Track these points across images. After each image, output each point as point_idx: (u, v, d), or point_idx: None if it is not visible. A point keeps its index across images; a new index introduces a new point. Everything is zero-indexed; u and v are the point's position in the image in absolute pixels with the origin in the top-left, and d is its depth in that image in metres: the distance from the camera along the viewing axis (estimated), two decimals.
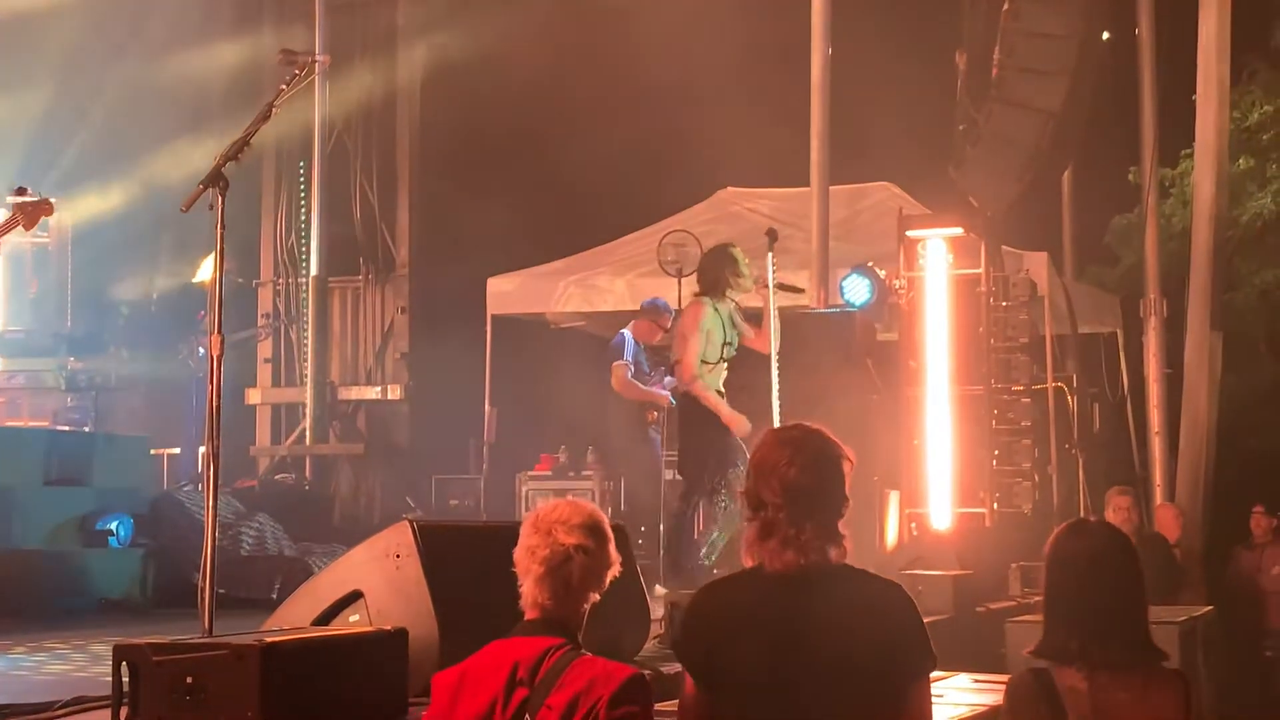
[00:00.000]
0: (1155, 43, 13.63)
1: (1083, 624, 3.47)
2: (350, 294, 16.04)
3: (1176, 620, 7.63)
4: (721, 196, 14.29)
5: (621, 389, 10.53)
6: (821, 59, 11.79)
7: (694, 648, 3.47)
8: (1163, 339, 13.64)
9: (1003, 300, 10.37)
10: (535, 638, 3.55)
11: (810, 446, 3.48)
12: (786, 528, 3.40)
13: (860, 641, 3.36)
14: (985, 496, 10.26)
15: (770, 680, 3.35)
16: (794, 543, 3.39)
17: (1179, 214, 16.04)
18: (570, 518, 3.64)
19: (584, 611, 3.65)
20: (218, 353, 5.09)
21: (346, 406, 15.75)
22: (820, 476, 3.44)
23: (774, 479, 3.42)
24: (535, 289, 13.59)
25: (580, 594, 3.62)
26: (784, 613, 3.38)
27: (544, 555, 3.59)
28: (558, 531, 3.61)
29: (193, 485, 11.24)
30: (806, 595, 3.39)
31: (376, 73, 15.79)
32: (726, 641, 3.41)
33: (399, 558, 4.91)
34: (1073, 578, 3.53)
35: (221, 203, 5.12)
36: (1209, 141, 12.12)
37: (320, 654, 4.33)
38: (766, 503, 3.42)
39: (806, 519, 3.40)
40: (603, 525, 3.68)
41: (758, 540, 3.44)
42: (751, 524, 3.46)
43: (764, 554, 3.43)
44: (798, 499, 3.40)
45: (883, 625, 3.40)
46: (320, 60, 14.04)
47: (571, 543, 3.59)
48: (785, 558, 3.40)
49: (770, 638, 3.37)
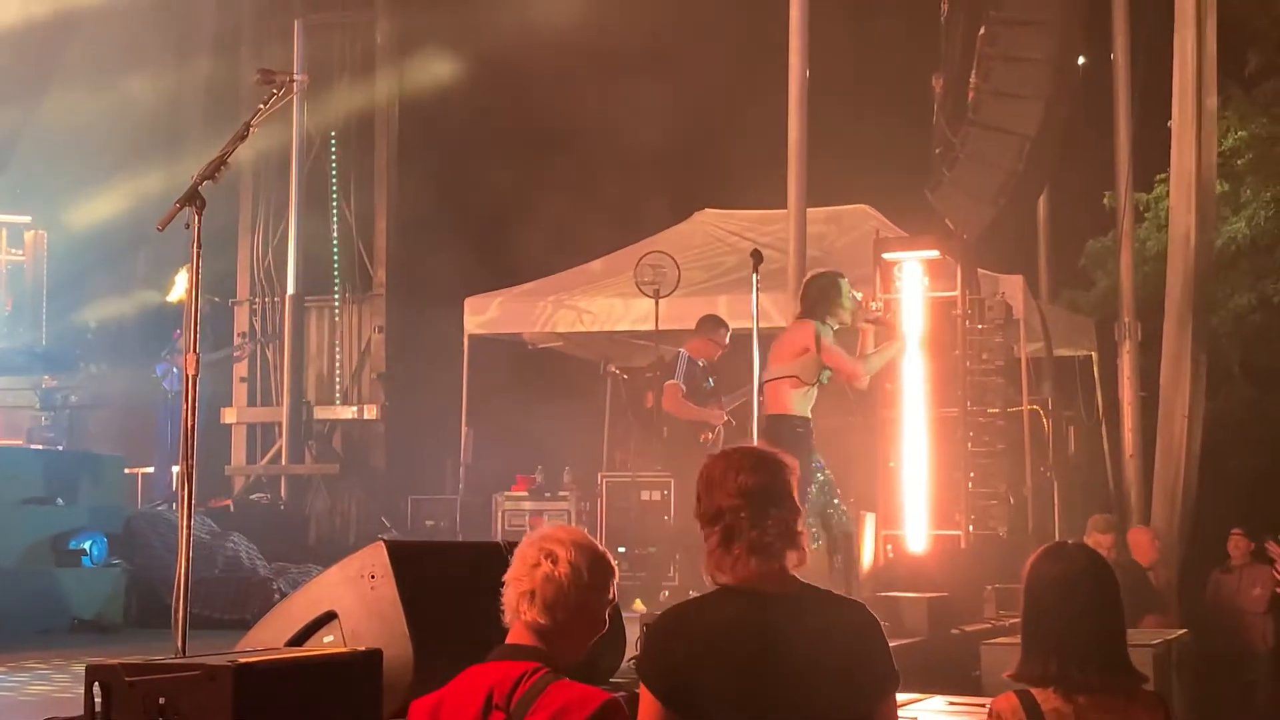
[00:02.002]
0: (1130, 68, 13.73)
1: (1061, 647, 3.48)
2: (327, 313, 16.03)
3: (1151, 643, 7.65)
4: (699, 218, 14.32)
5: (673, 409, 10.48)
6: (799, 82, 11.84)
7: (661, 668, 3.46)
8: (1137, 362, 13.71)
9: (978, 323, 10.41)
10: (511, 662, 3.53)
11: (754, 455, 3.57)
12: (749, 530, 3.44)
13: (828, 662, 3.37)
14: (960, 519, 10.29)
15: (738, 701, 3.36)
16: (757, 546, 3.43)
17: (1153, 238, 16.13)
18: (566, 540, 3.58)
19: (568, 642, 3.58)
20: (193, 372, 5.07)
21: (322, 426, 15.71)
22: (772, 477, 3.50)
23: (728, 486, 3.48)
24: (512, 309, 13.59)
25: (565, 621, 3.54)
26: (752, 634, 3.39)
27: (537, 577, 3.55)
28: (549, 555, 3.56)
29: (167, 504, 11.20)
30: (775, 616, 3.40)
31: (355, 92, 15.80)
32: (695, 662, 3.40)
33: (374, 578, 4.88)
34: (1051, 601, 3.54)
35: (198, 221, 5.11)
36: (1186, 169, 12.18)
37: (294, 675, 4.31)
38: (724, 509, 3.46)
39: (765, 518, 3.44)
40: (596, 551, 3.62)
41: (720, 549, 3.47)
42: (711, 537, 3.49)
43: (729, 563, 3.45)
44: (753, 499, 3.46)
45: (850, 646, 3.43)
46: (298, 79, 14.00)
47: (565, 563, 3.55)
48: (750, 565, 3.42)
49: (739, 659, 3.38)
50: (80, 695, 4.04)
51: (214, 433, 14.77)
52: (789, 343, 8.56)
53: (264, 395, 15.91)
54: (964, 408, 10.42)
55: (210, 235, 5.15)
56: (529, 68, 15.00)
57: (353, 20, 16.10)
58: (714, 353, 10.75)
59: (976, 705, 6.12)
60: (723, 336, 10.75)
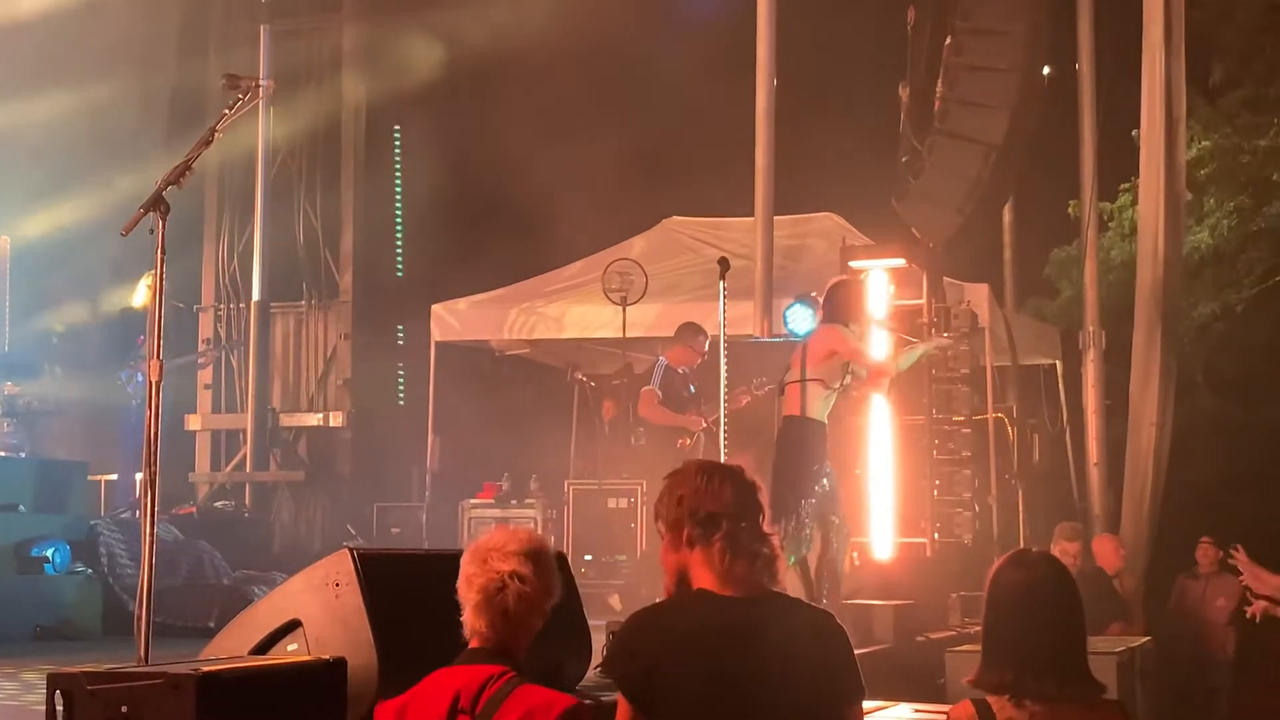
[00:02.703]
0: (1095, 78, 13.81)
1: (1020, 655, 3.49)
2: (293, 319, 15.95)
3: (1114, 651, 7.69)
4: (667, 225, 14.33)
5: (648, 414, 10.52)
6: (766, 89, 11.86)
7: (631, 669, 3.47)
8: (1101, 370, 13.78)
9: (944, 331, 10.45)
10: (477, 666, 3.54)
11: (732, 469, 3.64)
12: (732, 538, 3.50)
13: (795, 669, 3.40)
14: (926, 526, 10.34)
15: (704, 705, 3.38)
16: (741, 553, 3.49)
17: (1118, 247, 16.22)
18: (506, 544, 3.65)
19: (526, 639, 3.65)
20: (157, 378, 5.05)
21: (288, 433, 15.65)
22: (750, 492, 3.58)
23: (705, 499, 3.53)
24: (480, 316, 13.56)
25: (519, 621, 3.61)
26: (720, 638, 3.41)
27: (480, 584, 3.60)
28: (493, 559, 3.62)
29: (130, 512, 11.13)
30: (743, 621, 3.43)
31: (321, 97, 15.75)
32: (665, 664, 3.42)
33: (338, 586, 4.86)
34: (1011, 609, 3.55)
35: (162, 227, 5.09)
36: (1154, 178, 12.25)
37: (257, 684, 4.29)
38: (714, 515, 3.50)
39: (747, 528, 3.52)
40: (541, 551, 3.68)
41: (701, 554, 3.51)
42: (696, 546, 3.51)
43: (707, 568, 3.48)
44: (738, 509, 3.53)
45: (817, 653, 3.46)
46: (264, 85, 13.95)
47: (507, 569, 3.60)
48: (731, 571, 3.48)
49: (706, 662, 3.40)
50: (34, 703, 4.01)
51: (178, 439, 14.69)
52: (816, 346, 8.57)
53: (229, 402, 15.83)
54: (930, 416, 10.47)
55: (176, 240, 5.13)
56: (496, 75, 14.98)
57: (320, 26, 16.05)
58: (693, 360, 10.79)
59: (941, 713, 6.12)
60: (702, 344, 10.80)
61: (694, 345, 10.76)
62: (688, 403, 10.65)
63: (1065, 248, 16.70)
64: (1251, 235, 16.32)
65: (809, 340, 8.74)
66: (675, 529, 3.56)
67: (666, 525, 3.59)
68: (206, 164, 14.75)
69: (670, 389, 10.56)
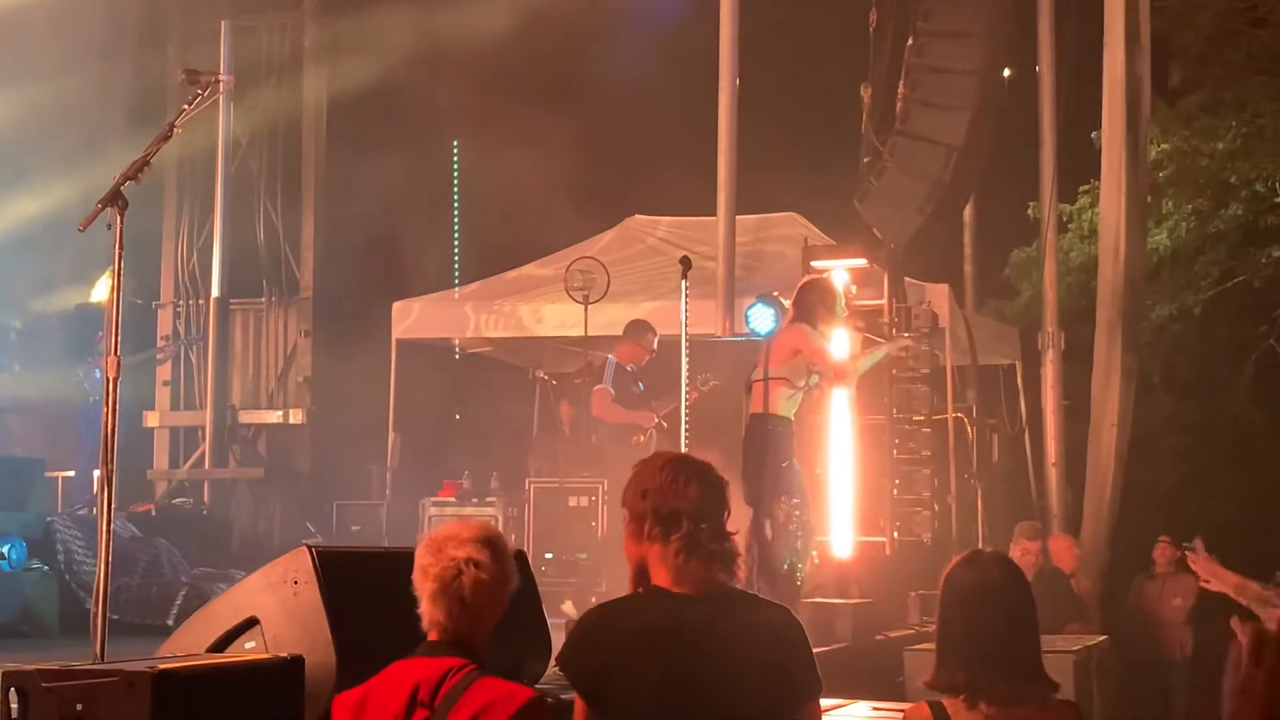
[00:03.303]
0: (1055, 80, 13.89)
1: (972, 655, 3.50)
2: (253, 316, 15.87)
3: (1071, 650, 7.73)
4: (629, 224, 14.34)
5: (602, 413, 10.53)
6: (729, 89, 11.88)
7: (586, 666, 3.47)
8: (1060, 371, 13.87)
9: (904, 331, 10.49)
10: (437, 658, 3.54)
11: (700, 466, 3.63)
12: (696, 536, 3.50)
13: (752, 665, 3.40)
14: (886, 525, 10.37)
15: (662, 703, 3.38)
16: (703, 551, 3.50)
17: (1077, 248, 16.34)
18: (460, 533, 3.64)
19: (485, 629, 3.64)
20: (114, 374, 5.02)
21: (247, 430, 15.57)
22: (717, 489, 3.58)
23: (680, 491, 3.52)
24: (441, 314, 13.54)
25: (477, 610, 3.60)
26: (678, 634, 3.41)
27: (436, 572, 3.59)
28: (448, 547, 3.61)
29: (88, 509, 11.05)
30: (699, 617, 3.43)
31: (282, 94, 15.67)
32: (618, 663, 3.42)
33: (297, 584, 4.85)
34: (962, 609, 3.56)
35: (120, 222, 5.06)
36: (1116, 179, 12.33)
37: (214, 682, 4.28)
38: (679, 512, 3.50)
39: (712, 525, 3.52)
40: (496, 539, 3.67)
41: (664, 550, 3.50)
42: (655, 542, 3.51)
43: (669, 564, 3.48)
44: (704, 506, 3.52)
45: (774, 650, 3.46)
46: (224, 80, 13.91)
47: (462, 556, 3.59)
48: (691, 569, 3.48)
49: (664, 659, 3.40)
50: None
51: (136, 436, 14.59)
52: (781, 344, 8.59)
53: (187, 399, 15.74)
54: (890, 415, 10.51)
55: (135, 237, 5.11)
56: (457, 72, 14.95)
57: (281, 22, 15.97)
58: (641, 357, 10.80)
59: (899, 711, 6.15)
60: (650, 341, 10.81)
61: (642, 343, 10.79)
62: (638, 400, 10.68)
63: (1025, 249, 16.81)
64: (1209, 238, 16.47)
65: (774, 338, 8.77)
66: (638, 521, 3.56)
67: (630, 515, 3.59)
68: (166, 160, 14.70)
69: (621, 386, 10.59)
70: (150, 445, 15.53)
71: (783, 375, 8.45)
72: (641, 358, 10.81)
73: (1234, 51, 15.77)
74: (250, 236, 15.59)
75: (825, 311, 8.63)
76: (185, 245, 15.84)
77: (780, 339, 8.69)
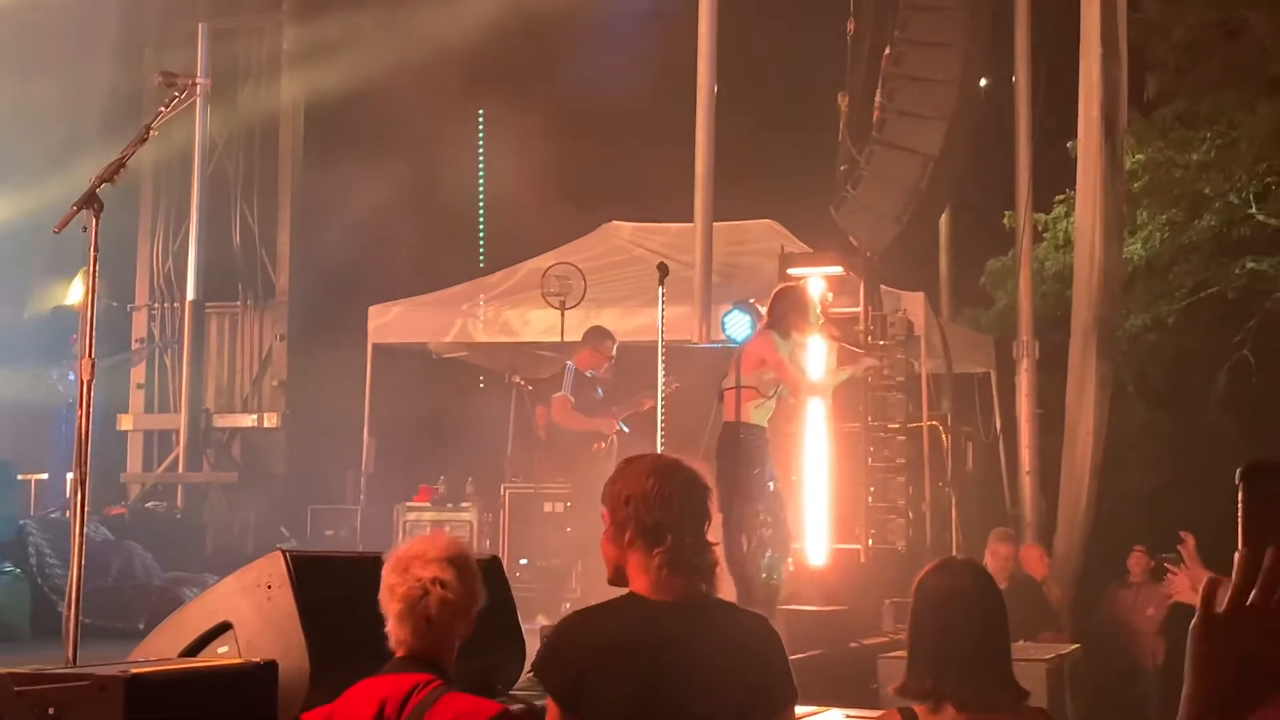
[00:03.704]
0: (1031, 90, 13.95)
1: (942, 662, 3.51)
2: (228, 320, 15.83)
3: (1044, 658, 7.76)
4: (606, 230, 14.35)
5: (562, 420, 10.51)
6: (707, 96, 11.90)
7: (562, 674, 3.46)
8: (1034, 380, 13.91)
9: (880, 339, 10.52)
10: (403, 674, 3.53)
11: (685, 474, 3.56)
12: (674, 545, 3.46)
13: (727, 673, 3.40)
14: (860, 533, 10.40)
15: (637, 711, 3.37)
16: (680, 561, 3.47)
17: (1052, 258, 16.38)
18: (427, 551, 3.62)
19: (453, 646, 3.62)
20: (88, 377, 5.01)
21: (222, 434, 15.52)
22: (701, 497, 3.53)
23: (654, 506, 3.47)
24: (417, 318, 13.52)
25: (443, 628, 3.58)
26: (655, 642, 3.40)
27: (402, 592, 3.57)
28: (414, 567, 3.59)
29: (60, 512, 11.01)
30: (674, 625, 3.42)
31: (259, 97, 15.64)
32: (594, 670, 3.41)
33: (270, 588, 4.83)
34: (932, 615, 3.57)
35: (95, 225, 5.05)
36: (1091, 189, 12.38)
37: (187, 686, 4.26)
38: (658, 522, 3.47)
39: (691, 535, 3.48)
40: (462, 557, 3.65)
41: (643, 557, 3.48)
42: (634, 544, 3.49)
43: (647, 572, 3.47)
44: (683, 515, 3.48)
45: (751, 657, 3.45)
46: (201, 83, 13.88)
47: (428, 576, 3.57)
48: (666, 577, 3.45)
49: (641, 667, 3.39)
50: None
51: (110, 439, 14.54)
52: (749, 353, 8.60)
53: (162, 402, 15.68)
54: (865, 423, 10.54)
55: (111, 239, 5.10)
56: (435, 76, 14.93)
57: (259, 25, 15.94)
58: (600, 364, 10.80)
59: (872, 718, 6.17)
60: (609, 348, 10.81)
61: (601, 349, 10.79)
62: (598, 406, 10.68)
63: (1000, 258, 16.85)
64: (1183, 248, 16.53)
65: (744, 346, 8.78)
66: (619, 526, 3.50)
67: (611, 518, 3.54)
68: (143, 162, 14.66)
69: (580, 393, 10.59)
70: (124, 448, 15.47)
71: (750, 384, 8.45)
72: (600, 364, 10.82)
73: (1209, 63, 15.84)
74: (226, 240, 15.56)
75: (798, 319, 8.64)
76: (161, 248, 15.79)
77: (749, 347, 8.71)
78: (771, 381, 8.47)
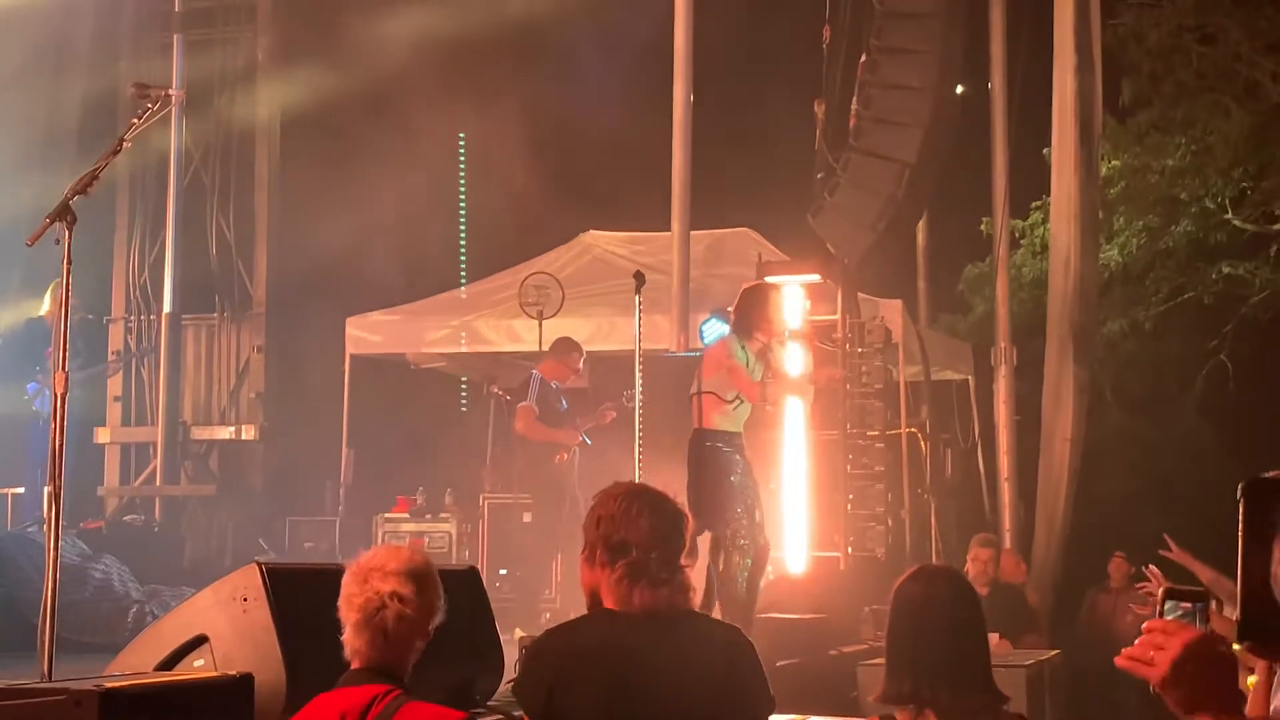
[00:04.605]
0: (1006, 97, 14.00)
1: (919, 668, 3.52)
2: (205, 332, 15.75)
3: (1024, 663, 7.77)
4: (584, 240, 14.34)
5: (525, 431, 10.49)
6: (683, 105, 11.91)
7: (535, 690, 3.46)
8: (1012, 386, 13.95)
9: (858, 346, 10.53)
10: (360, 686, 3.51)
11: (660, 501, 3.62)
12: (647, 567, 3.46)
13: (701, 684, 3.40)
14: (840, 540, 10.40)
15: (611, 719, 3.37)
16: (654, 581, 3.47)
17: (1029, 264, 16.46)
18: (386, 563, 3.60)
19: (409, 658, 3.60)
20: (62, 390, 4.98)
21: (199, 446, 15.44)
22: (674, 525, 3.57)
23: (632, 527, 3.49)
24: (395, 329, 13.49)
25: (400, 641, 3.56)
26: (628, 655, 3.40)
27: (360, 603, 3.55)
28: (373, 579, 3.57)
29: (36, 526, 10.94)
30: (647, 638, 3.42)
31: (236, 108, 15.59)
32: (568, 683, 3.41)
33: (246, 601, 4.81)
34: (909, 621, 3.59)
35: (69, 237, 5.02)
36: (1067, 195, 12.41)
37: (162, 700, 4.23)
38: (629, 544, 3.48)
39: (666, 560, 3.51)
40: (422, 571, 3.63)
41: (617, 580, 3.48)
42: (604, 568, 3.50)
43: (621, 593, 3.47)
44: (656, 541, 3.50)
45: (726, 667, 3.45)
46: (174, 94, 13.83)
47: (386, 590, 3.55)
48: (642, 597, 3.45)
49: (613, 680, 3.39)
50: None
51: (87, 452, 14.45)
52: (708, 357, 8.58)
53: (139, 414, 15.60)
54: (844, 430, 10.54)
55: (86, 251, 5.07)
56: (412, 85, 14.92)
57: (235, 36, 15.87)
58: (566, 375, 10.79)
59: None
60: (576, 360, 10.79)
61: (567, 361, 10.78)
62: (563, 418, 10.66)
63: (978, 265, 16.92)
64: (1159, 253, 16.63)
65: (706, 351, 8.77)
66: (591, 548, 3.57)
67: (586, 542, 3.60)
68: (118, 174, 14.61)
69: (544, 403, 10.58)
70: (101, 461, 15.38)
71: (711, 389, 8.39)
72: (566, 376, 10.81)
73: (1184, 69, 15.93)
74: (203, 252, 15.48)
75: (760, 318, 8.53)
76: (137, 260, 15.71)
77: (708, 351, 8.70)
78: (730, 385, 8.42)
